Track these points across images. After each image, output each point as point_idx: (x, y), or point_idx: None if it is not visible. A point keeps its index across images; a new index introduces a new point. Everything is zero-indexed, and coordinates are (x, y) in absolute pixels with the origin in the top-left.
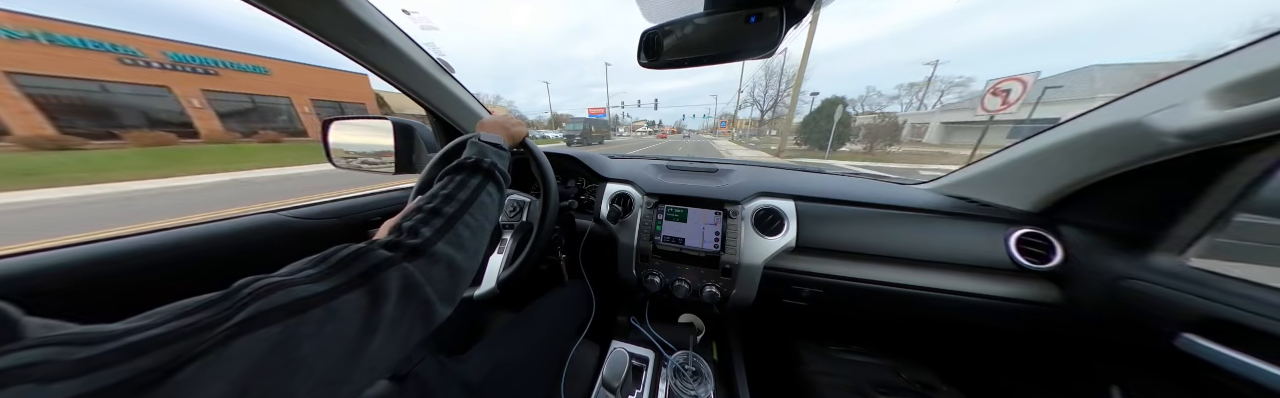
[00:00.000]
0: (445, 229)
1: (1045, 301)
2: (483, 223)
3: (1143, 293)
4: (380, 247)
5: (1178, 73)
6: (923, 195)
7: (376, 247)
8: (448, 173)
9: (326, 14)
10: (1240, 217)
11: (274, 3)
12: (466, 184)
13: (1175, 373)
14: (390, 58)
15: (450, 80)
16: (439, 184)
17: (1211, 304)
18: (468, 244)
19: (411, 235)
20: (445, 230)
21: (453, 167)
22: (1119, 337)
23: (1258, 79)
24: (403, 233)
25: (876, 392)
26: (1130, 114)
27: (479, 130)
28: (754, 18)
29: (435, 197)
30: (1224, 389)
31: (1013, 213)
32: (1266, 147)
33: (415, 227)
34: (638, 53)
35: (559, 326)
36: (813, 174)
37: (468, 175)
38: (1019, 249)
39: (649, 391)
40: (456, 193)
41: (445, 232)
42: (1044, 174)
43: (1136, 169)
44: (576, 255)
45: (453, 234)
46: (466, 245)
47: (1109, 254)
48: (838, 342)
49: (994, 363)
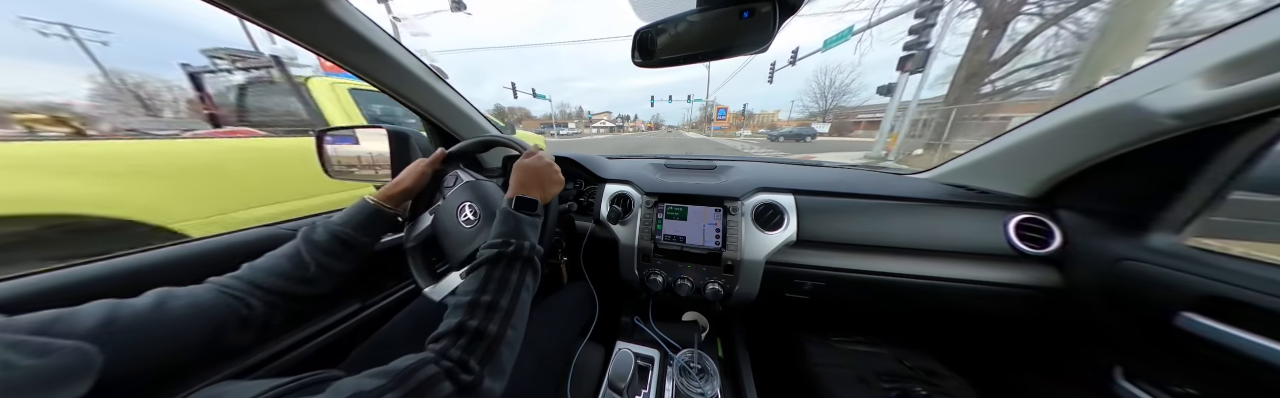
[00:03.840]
0: (489, 356)
1: (1046, 285)
2: (520, 330)
3: (1141, 274)
4: (445, 376)
5: (1169, 54)
6: (920, 185)
7: (442, 376)
8: (488, 263)
9: (317, 24)
10: (1235, 194)
11: (263, 14)
12: (507, 284)
13: (1176, 352)
14: (383, 66)
15: (445, 87)
16: (480, 282)
17: (1209, 283)
18: (506, 365)
19: (463, 369)
20: (489, 358)
21: (492, 256)
22: (1119, 318)
23: (1248, 58)
24: (454, 363)
25: (881, 381)
26: (1124, 97)
27: (516, 181)
28: (747, 13)
29: (478, 307)
30: (1225, 367)
31: (1011, 199)
32: (1259, 124)
33: (464, 358)
34: (632, 52)
35: (562, 328)
36: (811, 168)
37: (506, 269)
38: (1018, 235)
39: (655, 390)
40: (499, 299)
41: (489, 359)
42: (1040, 160)
43: (1132, 151)
44: (578, 258)
45: (495, 362)
46: (505, 368)
47: (1107, 237)
48: (841, 333)
49: (996, 349)
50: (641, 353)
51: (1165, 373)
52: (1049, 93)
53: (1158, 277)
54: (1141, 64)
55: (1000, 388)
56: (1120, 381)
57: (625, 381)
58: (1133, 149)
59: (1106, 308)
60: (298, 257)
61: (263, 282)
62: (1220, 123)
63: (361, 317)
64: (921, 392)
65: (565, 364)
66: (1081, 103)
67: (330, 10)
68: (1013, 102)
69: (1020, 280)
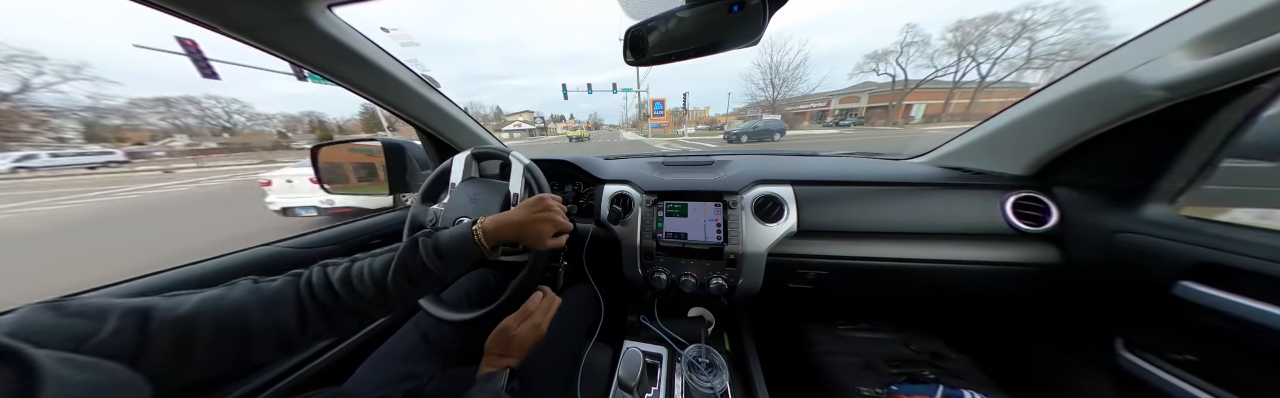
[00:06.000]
0: None
1: (1045, 261)
2: None
3: (1138, 245)
4: None
5: (1154, 27)
6: (917, 169)
7: None
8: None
9: (306, 40)
10: (1227, 162)
11: (250, 32)
12: None
13: (1175, 320)
14: (372, 78)
15: (437, 96)
16: None
17: (1204, 250)
18: None
19: None
20: None
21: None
22: (1119, 291)
23: (1231, 27)
24: None
25: (887, 366)
26: (1112, 71)
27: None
28: (737, 7)
29: None
30: (1223, 332)
31: (1007, 179)
32: (1246, 92)
33: None
34: (623, 51)
35: (569, 330)
36: (807, 158)
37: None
38: (1016, 213)
39: (665, 387)
40: None
41: None
42: (1034, 138)
43: (1123, 125)
44: (579, 261)
45: None
46: None
47: (1103, 210)
48: (846, 321)
49: (999, 327)
50: (649, 351)
51: (1165, 342)
52: None
53: (1154, 247)
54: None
55: (1006, 366)
56: (1121, 351)
57: (635, 379)
58: (1124, 123)
59: (1105, 281)
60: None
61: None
62: (1208, 92)
63: (367, 331)
64: (929, 375)
65: (574, 366)
66: (1071, 80)
67: (319, 25)
68: None
69: (1020, 259)
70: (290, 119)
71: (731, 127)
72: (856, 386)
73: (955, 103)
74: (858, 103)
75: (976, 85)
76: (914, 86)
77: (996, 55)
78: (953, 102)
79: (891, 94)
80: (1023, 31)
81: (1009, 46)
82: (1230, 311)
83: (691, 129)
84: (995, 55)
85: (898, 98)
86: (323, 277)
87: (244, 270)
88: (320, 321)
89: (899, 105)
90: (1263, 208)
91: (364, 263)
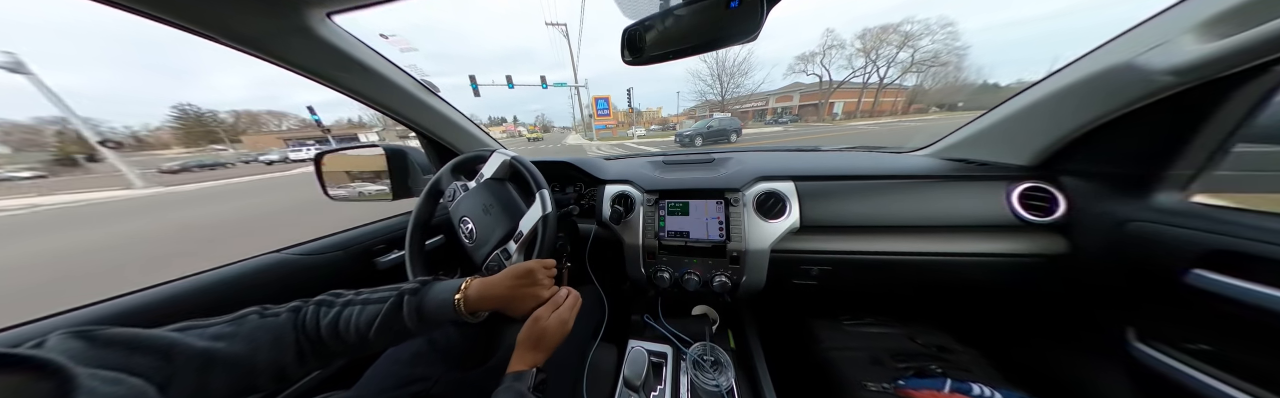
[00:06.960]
0: None
1: (1053, 252)
2: None
3: (1148, 234)
4: None
5: (1161, 12)
6: (920, 161)
7: None
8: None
9: (306, 49)
10: (1239, 147)
11: (251, 42)
12: None
13: (1187, 309)
14: (373, 84)
15: (438, 101)
16: None
17: (1217, 237)
18: None
19: None
20: None
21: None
22: (1129, 280)
23: (1240, 8)
24: None
25: (894, 360)
26: (1119, 57)
27: (520, 344)
28: (735, 3)
29: None
30: (1237, 320)
31: (1012, 169)
32: (1258, 75)
33: None
34: (621, 51)
35: (574, 330)
36: (809, 153)
37: None
38: (1022, 204)
39: (671, 385)
40: None
41: None
42: (1039, 127)
43: (1131, 112)
44: (582, 262)
45: None
46: None
47: (1111, 199)
48: (851, 316)
49: (1007, 320)
50: (654, 350)
51: (1178, 331)
52: None
53: (1165, 236)
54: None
55: (1013, 358)
56: (1133, 342)
57: (640, 378)
58: (1132, 110)
59: (1115, 271)
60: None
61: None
62: (1218, 76)
63: None
64: (936, 369)
65: (580, 366)
66: (1077, 67)
67: (319, 34)
68: None
69: (1027, 250)
70: None
71: (683, 127)
72: (863, 381)
73: (864, 101)
74: (791, 102)
75: (877, 86)
76: (836, 86)
77: (891, 59)
78: (863, 100)
79: (819, 93)
80: (906, 41)
81: (897, 53)
82: (1246, 298)
83: (643, 130)
84: (892, 60)
85: (824, 96)
86: (314, 320)
87: (251, 279)
88: (314, 359)
89: (825, 103)
90: (1278, 193)
91: (352, 312)
